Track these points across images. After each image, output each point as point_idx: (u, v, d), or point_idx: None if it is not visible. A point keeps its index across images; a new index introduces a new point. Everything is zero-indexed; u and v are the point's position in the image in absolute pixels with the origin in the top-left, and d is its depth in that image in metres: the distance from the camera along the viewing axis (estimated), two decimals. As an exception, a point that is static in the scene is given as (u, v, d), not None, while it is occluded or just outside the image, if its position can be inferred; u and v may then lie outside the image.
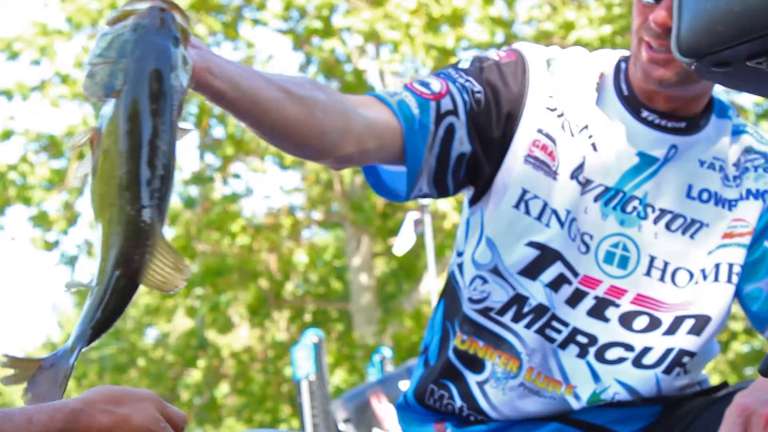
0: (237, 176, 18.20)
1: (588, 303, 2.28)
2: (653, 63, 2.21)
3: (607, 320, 2.29)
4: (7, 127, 16.66)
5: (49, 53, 16.25)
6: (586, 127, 2.29)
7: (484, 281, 2.31)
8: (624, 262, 2.29)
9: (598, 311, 2.29)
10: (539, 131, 2.27)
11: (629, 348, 2.30)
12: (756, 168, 2.35)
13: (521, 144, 2.27)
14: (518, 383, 2.31)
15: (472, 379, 2.34)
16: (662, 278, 2.30)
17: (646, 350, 2.30)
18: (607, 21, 14.66)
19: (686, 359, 2.31)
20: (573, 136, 2.28)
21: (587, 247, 2.28)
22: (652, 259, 2.29)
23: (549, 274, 2.27)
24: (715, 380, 2.52)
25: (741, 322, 16.84)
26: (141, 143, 1.52)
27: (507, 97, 2.26)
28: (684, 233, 2.30)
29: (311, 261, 18.64)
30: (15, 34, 16.16)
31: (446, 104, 2.20)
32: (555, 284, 2.27)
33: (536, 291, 2.28)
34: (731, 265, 2.30)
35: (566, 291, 2.28)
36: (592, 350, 2.29)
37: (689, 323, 2.30)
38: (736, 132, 2.36)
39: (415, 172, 2.18)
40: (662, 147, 2.28)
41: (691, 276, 2.30)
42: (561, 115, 2.28)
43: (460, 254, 2.38)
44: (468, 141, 2.23)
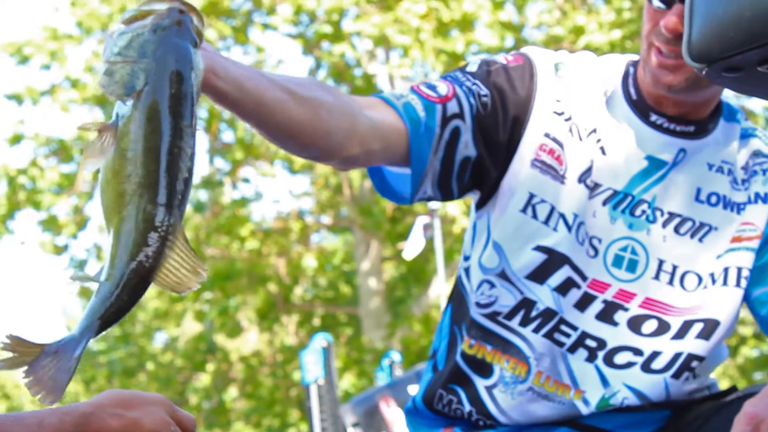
0: (246, 180, 18.22)
1: (596, 307, 2.28)
2: (663, 68, 2.21)
3: (616, 324, 2.29)
4: (17, 132, 16.69)
5: (60, 58, 16.28)
6: (595, 131, 2.28)
7: (492, 285, 2.30)
8: (632, 266, 2.28)
9: (607, 315, 2.28)
10: (546, 135, 2.27)
11: (638, 352, 2.29)
12: (764, 171, 2.34)
13: (528, 148, 2.26)
14: (527, 387, 2.31)
15: (481, 384, 2.34)
16: (671, 282, 2.29)
17: (655, 355, 2.29)
18: (617, 26, 14.65)
19: (695, 363, 2.31)
20: (581, 140, 2.27)
21: (596, 251, 2.27)
22: (661, 263, 2.29)
23: (556, 279, 2.26)
24: (725, 385, 2.51)
25: (750, 327, 16.82)
26: (162, 143, 1.52)
27: (514, 101, 2.26)
28: (693, 237, 2.30)
29: (320, 265, 18.64)
30: (25, 39, 16.19)
31: (452, 107, 2.20)
32: (562, 288, 2.27)
33: (544, 295, 2.27)
34: (740, 269, 2.30)
35: (575, 295, 2.27)
36: (601, 354, 2.29)
37: (698, 327, 2.30)
38: (745, 135, 2.36)
39: (420, 175, 2.18)
40: (671, 151, 2.28)
41: (700, 280, 2.30)
42: (569, 119, 2.28)
43: (467, 258, 2.37)
44: (473, 145, 2.22)
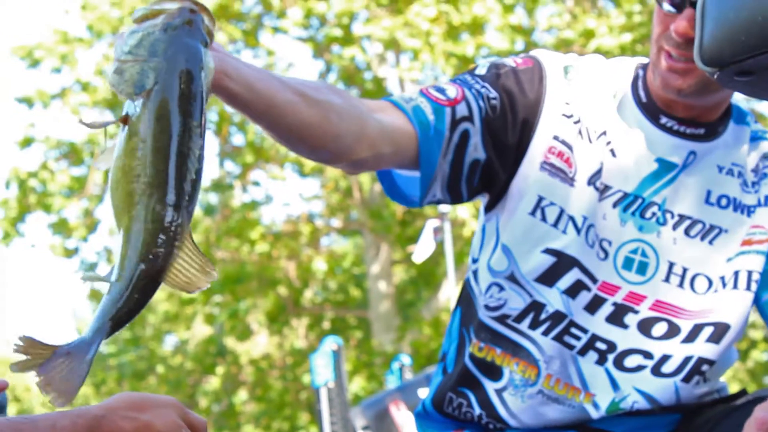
0: (256, 184, 18.23)
1: (607, 309, 2.28)
2: (672, 72, 2.20)
3: (626, 327, 2.28)
4: (28, 135, 16.72)
5: (70, 61, 16.31)
6: (605, 134, 2.28)
7: (501, 288, 2.30)
8: (643, 268, 2.28)
9: (617, 318, 2.28)
10: (555, 138, 2.27)
11: (648, 356, 2.29)
12: (775, 174, 2.34)
13: (537, 151, 2.26)
14: (537, 391, 2.31)
15: (491, 387, 2.34)
16: (681, 284, 2.29)
17: (665, 358, 2.29)
18: (628, 29, 14.64)
19: (705, 367, 2.31)
20: (591, 143, 2.27)
21: (606, 254, 2.27)
22: (671, 265, 2.29)
23: (566, 281, 2.26)
24: (735, 389, 2.51)
25: (761, 331, 16.79)
26: (171, 143, 1.53)
27: (523, 104, 2.26)
28: (703, 239, 2.29)
29: (330, 268, 18.65)
30: (36, 42, 16.22)
31: (461, 110, 2.20)
32: (572, 291, 2.27)
33: (553, 298, 2.27)
34: (750, 273, 2.30)
35: (585, 297, 2.27)
36: (611, 357, 2.29)
37: (708, 331, 2.29)
38: (755, 138, 2.35)
39: (429, 178, 2.18)
40: (681, 153, 2.28)
41: (710, 283, 2.29)
42: (578, 122, 2.28)
43: (475, 261, 2.37)
44: (482, 147, 2.22)
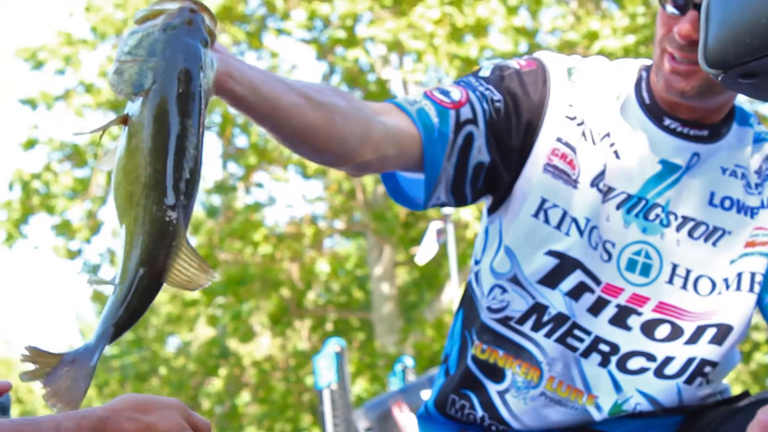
0: (260, 185, 18.24)
1: (610, 311, 2.28)
2: (676, 74, 2.20)
3: (629, 329, 2.28)
4: (32, 136, 16.73)
5: (74, 63, 16.32)
6: (608, 135, 2.28)
7: (504, 290, 2.30)
8: (646, 270, 2.28)
9: (620, 319, 2.28)
10: (558, 140, 2.27)
11: (651, 358, 2.29)
12: (778, 176, 2.34)
13: (541, 153, 2.26)
14: (539, 393, 2.31)
15: (493, 389, 2.34)
16: (684, 286, 2.29)
17: (668, 360, 2.29)
18: (631, 31, 14.64)
19: (708, 369, 2.30)
20: (594, 144, 2.27)
21: (609, 255, 2.27)
22: (675, 267, 2.29)
23: (568, 283, 2.26)
24: (737, 391, 2.51)
25: (763, 333, 16.78)
26: (169, 143, 1.52)
27: (527, 106, 2.26)
28: (706, 241, 2.29)
29: (333, 270, 18.66)
30: (40, 44, 16.24)
31: (466, 113, 2.20)
32: (575, 293, 2.27)
33: (556, 300, 2.27)
34: (753, 274, 2.30)
35: (588, 299, 2.27)
36: (614, 359, 2.29)
37: (711, 332, 2.29)
38: (758, 140, 2.35)
39: (433, 181, 2.18)
40: (684, 155, 2.28)
41: (714, 285, 2.29)
42: (581, 124, 2.28)
43: (478, 263, 2.37)
44: (486, 150, 2.22)
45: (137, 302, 1.54)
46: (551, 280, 2.27)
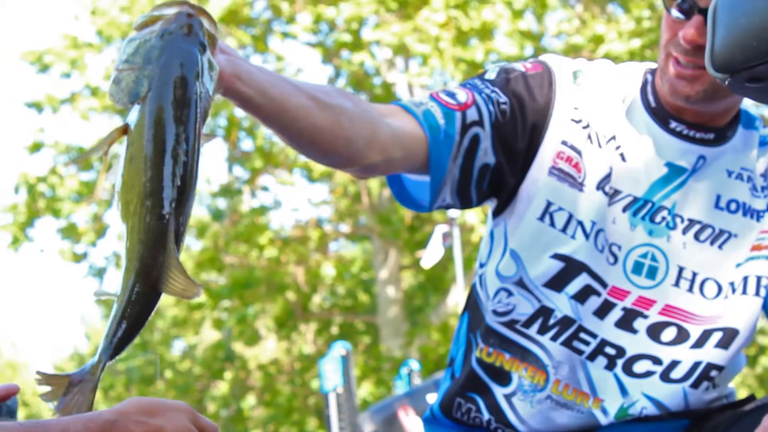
0: (265, 189, 18.26)
1: (616, 314, 2.27)
2: (680, 78, 2.20)
3: (635, 332, 2.28)
4: (37, 140, 16.76)
5: (80, 66, 16.35)
6: (614, 138, 2.28)
7: (509, 294, 2.30)
8: (652, 273, 2.28)
9: (626, 323, 2.28)
10: (563, 143, 2.26)
11: (657, 361, 2.29)
12: (784, 179, 2.34)
13: (546, 156, 2.26)
14: (545, 396, 2.30)
15: (499, 392, 2.33)
16: (690, 289, 2.28)
17: (674, 364, 2.29)
18: (637, 35, 14.64)
19: (714, 373, 2.30)
20: (600, 147, 2.27)
21: (615, 258, 2.27)
22: (681, 270, 2.28)
23: (574, 286, 2.26)
24: (743, 395, 2.51)
25: (770, 337, 16.76)
26: (163, 151, 1.51)
27: (532, 109, 2.26)
28: (712, 244, 2.29)
29: (339, 274, 18.66)
30: (45, 47, 16.27)
31: (472, 115, 2.20)
32: (581, 296, 2.26)
33: (561, 303, 2.27)
34: (759, 278, 2.29)
35: (594, 302, 2.27)
36: (620, 362, 2.28)
37: (717, 336, 2.29)
38: (764, 143, 2.35)
39: (439, 183, 2.18)
40: (690, 157, 2.28)
41: (720, 288, 2.29)
42: (587, 127, 2.28)
43: (483, 266, 2.37)
44: (492, 152, 2.22)
45: (136, 314, 1.54)
46: (557, 284, 2.27)
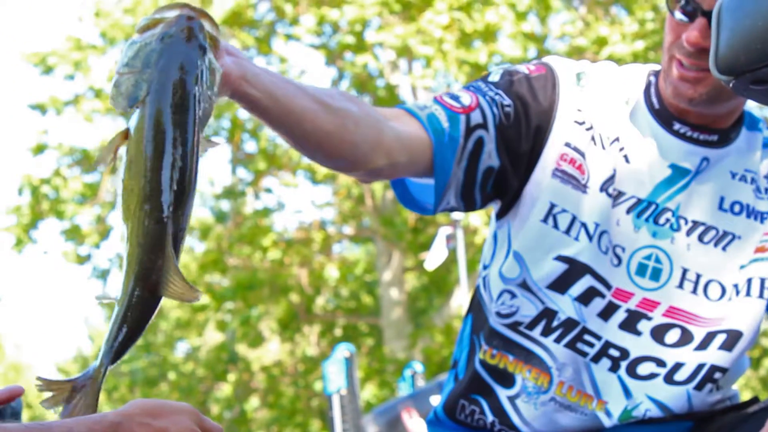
0: (269, 191, 18.28)
1: (620, 316, 2.27)
2: (684, 81, 2.20)
3: (639, 333, 2.28)
4: (41, 142, 16.78)
5: (83, 68, 16.38)
6: (617, 140, 2.28)
7: (513, 295, 2.30)
8: (656, 275, 2.28)
9: (630, 324, 2.28)
10: (567, 145, 2.26)
11: (661, 363, 2.28)
12: (787, 181, 2.34)
13: (550, 158, 2.26)
14: (549, 398, 2.30)
15: (503, 394, 2.34)
16: (694, 290, 2.28)
17: (678, 366, 2.29)
18: (640, 37, 14.65)
19: (718, 375, 2.30)
20: (604, 149, 2.27)
21: (619, 260, 2.26)
22: (685, 272, 2.28)
23: (578, 288, 2.26)
24: (747, 397, 2.51)
25: (773, 339, 16.75)
26: (161, 154, 1.50)
27: (536, 111, 2.26)
28: (716, 245, 2.29)
29: (342, 276, 18.68)
30: (49, 49, 16.29)
31: (476, 118, 2.20)
32: (584, 298, 2.26)
33: (565, 305, 2.27)
34: (763, 280, 2.29)
35: (599, 304, 2.27)
36: (624, 365, 2.28)
37: (721, 338, 2.29)
38: (767, 145, 2.35)
39: (443, 185, 2.18)
40: (694, 159, 2.27)
41: (723, 290, 2.29)
42: (590, 129, 2.27)
43: (486, 268, 2.37)
44: (496, 155, 2.22)
45: (136, 318, 1.54)
46: (560, 285, 2.27)
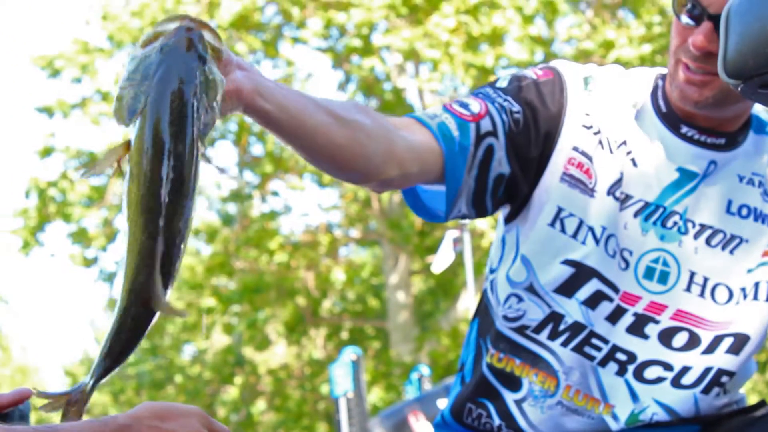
0: (275, 194, 18.27)
1: (627, 320, 2.27)
2: (690, 84, 2.20)
3: (647, 337, 2.28)
4: (48, 144, 16.80)
5: (90, 71, 16.39)
6: (625, 143, 2.28)
7: (520, 299, 2.30)
8: (664, 278, 2.28)
9: (638, 328, 2.28)
10: (575, 149, 2.26)
11: (668, 367, 2.28)
12: (795, 184, 2.34)
13: (558, 162, 2.26)
14: (556, 402, 2.30)
15: (510, 398, 2.34)
16: (702, 294, 2.28)
17: (685, 370, 2.29)
18: (647, 40, 14.65)
19: (725, 379, 2.30)
20: (611, 153, 2.27)
21: (627, 263, 2.27)
22: (692, 275, 2.28)
23: (584, 292, 2.26)
24: (753, 401, 2.51)
25: (781, 344, 16.70)
26: (155, 167, 1.49)
27: (545, 117, 2.26)
28: (724, 249, 2.29)
29: (349, 279, 18.67)
30: (56, 52, 16.31)
31: (486, 125, 2.20)
32: (591, 301, 2.26)
33: (572, 309, 2.27)
34: (770, 284, 2.29)
35: (606, 308, 2.27)
36: (631, 368, 2.28)
37: (728, 342, 2.29)
38: (775, 148, 2.35)
39: (454, 194, 2.17)
40: (701, 162, 2.27)
41: (731, 293, 2.29)
42: (598, 132, 2.28)
43: (493, 271, 2.37)
44: (507, 161, 2.22)
45: (129, 332, 1.53)
46: (567, 289, 2.27)
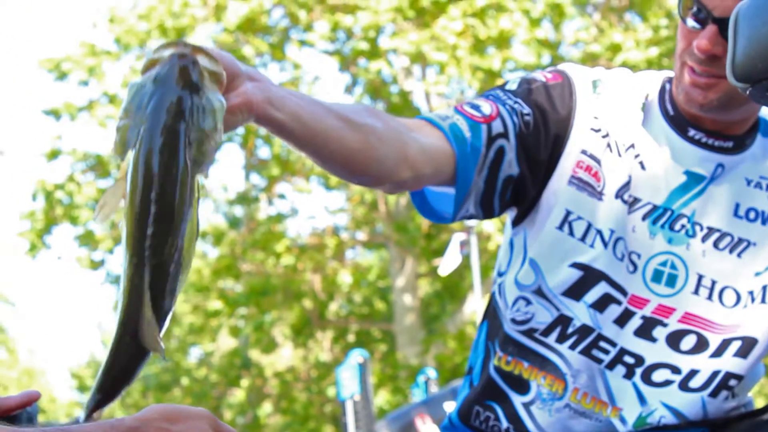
0: (282, 196, 18.29)
1: (635, 323, 2.27)
2: (695, 87, 2.20)
3: (655, 340, 2.28)
4: (55, 147, 16.82)
5: (97, 74, 16.41)
6: (633, 146, 2.28)
7: (528, 302, 2.30)
8: (672, 281, 2.28)
9: (646, 331, 2.28)
10: (583, 152, 2.27)
11: (676, 370, 2.29)
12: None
13: (566, 166, 2.26)
14: (564, 404, 2.31)
15: (518, 401, 2.34)
16: (710, 297, 2.28)
17: (693, 373, 2.29)
18: (654, 43, 14.64)
19: (733, 382, 2.30)
20: (620, 156, 2.27)
21: (635, 267, 2.27)
22: (700, 278, 2.28)
23: (593, 295, 2.26)
24: (761, 405, 2.51)
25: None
26: (143, 200, 1.46)
27: (555, 120, 2.26)
28: (731, 252, 2.29)
29: (355, 281, 18.68)
30: (64, 55, 16.33)
31: (497, 127, 2.20)
32: (600, 305, 2.26)
33: (580, 312, 2.27)
34: (778, 288, 2.29)
35: (614, 311, 2.27)
36: (639, 371, 2.28)
37: (736, 345, 2.29)
38: (782, 151, 2.35)
39: (464, 195, 2.18)
40: (709, 165, 2.28)
41: (739, 297, 2.29)
42: (606, 136, 2.28)
43: (501, 274, 2.37)
44: (516, 163, 2.23)
45: (121, 365, 1.53)
46: (575, 292, 2.27)
